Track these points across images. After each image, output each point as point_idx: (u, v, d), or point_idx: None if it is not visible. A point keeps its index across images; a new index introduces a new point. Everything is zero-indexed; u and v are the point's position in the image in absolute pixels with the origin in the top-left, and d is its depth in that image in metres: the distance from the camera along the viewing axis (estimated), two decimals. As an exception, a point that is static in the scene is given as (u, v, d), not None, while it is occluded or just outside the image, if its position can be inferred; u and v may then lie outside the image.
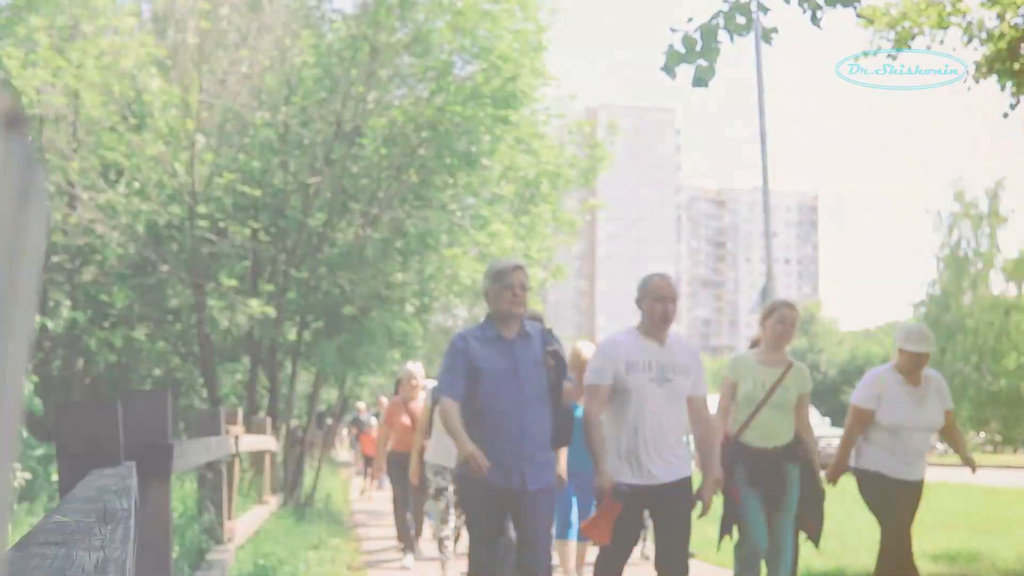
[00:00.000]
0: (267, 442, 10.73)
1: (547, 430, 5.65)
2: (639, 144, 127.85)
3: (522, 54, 14.60)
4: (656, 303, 5.80)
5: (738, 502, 6.54)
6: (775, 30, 6.05)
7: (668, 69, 6.02)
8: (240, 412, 8.03)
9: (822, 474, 7.16)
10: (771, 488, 6.62)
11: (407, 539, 10.75)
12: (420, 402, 10.28)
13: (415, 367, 10.90)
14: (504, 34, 14.45)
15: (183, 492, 7.74)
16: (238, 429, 7.59)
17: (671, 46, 6.03)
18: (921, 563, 10.30)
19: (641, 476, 5.75)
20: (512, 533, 6.08)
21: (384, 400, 27.25)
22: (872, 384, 7.06)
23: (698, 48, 5.95)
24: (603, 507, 5.68)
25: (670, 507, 5.83)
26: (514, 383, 5.53)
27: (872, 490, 7.02)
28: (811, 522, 6.91)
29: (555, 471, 5.90)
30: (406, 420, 10.75)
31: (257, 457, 11.45)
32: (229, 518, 7.56)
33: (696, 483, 6.03)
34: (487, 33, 14.46)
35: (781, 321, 6.69)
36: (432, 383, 11.21)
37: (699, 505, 6.01)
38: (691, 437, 6.42)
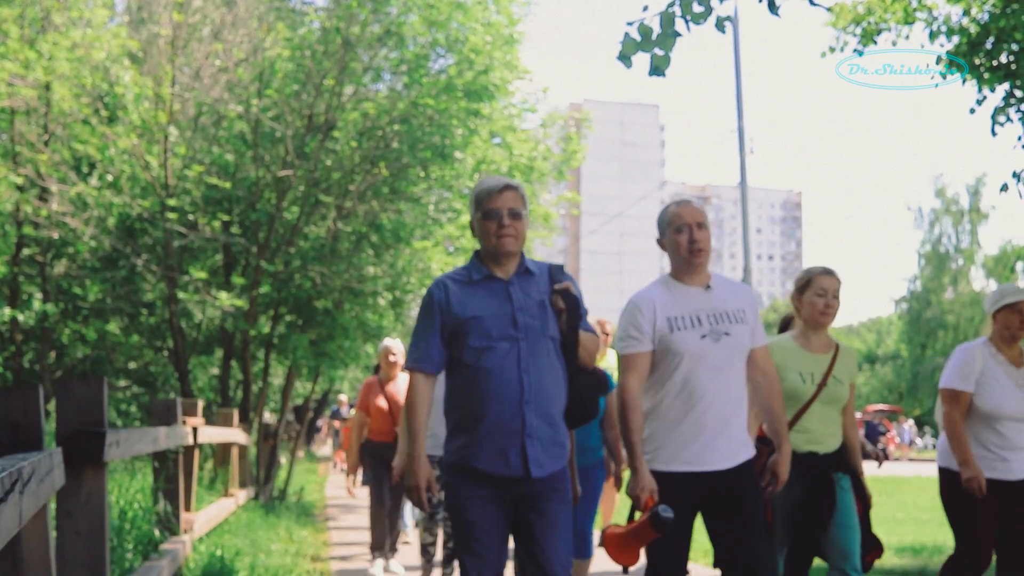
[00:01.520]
0: (232, 435, 10.71)
1: (559, 397, 4.31)
2: (623, 140, 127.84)
3: (495, 47, 14.63)
4: (678, 234, 4.61)
5: (769, 521, 5.21)
6: (729, 18, 6.04)
7: (624, 58, 6.01)
8: (200, 404, 8.00)
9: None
10: (818, 505, 5.31)
11: (380, 543, 9.37)
12: (403, 382, 9.13)
13: (393, 342, 9.51)
14: (476, 27, 14.47)
15: (145, 483, 7.73)
16: (197, 421, 7.58)
17: (627, 35, 6.02)
18: (885, 556, 10.38)
19: (696, 462, 4.54)
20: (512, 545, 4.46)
21: (344, 399, 27.23)
22: (968, 360, 5.83)
23: (654, 37, 5.94)
24: (638, 527, 4.37)
25: (736, 499, 4.54)
26: (513, 334, 4.22)
27: (958, 492, 5.77)
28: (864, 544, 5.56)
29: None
30: (383, 404, 9.32)
31: (224, 450, 11.43)
32: (188, 510, 7.57)
33: None
34: (460, 26, 14.48)
35: (821, 293, 5.44)
36: None
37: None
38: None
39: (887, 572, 9.28)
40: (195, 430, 7.46)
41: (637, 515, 4.50)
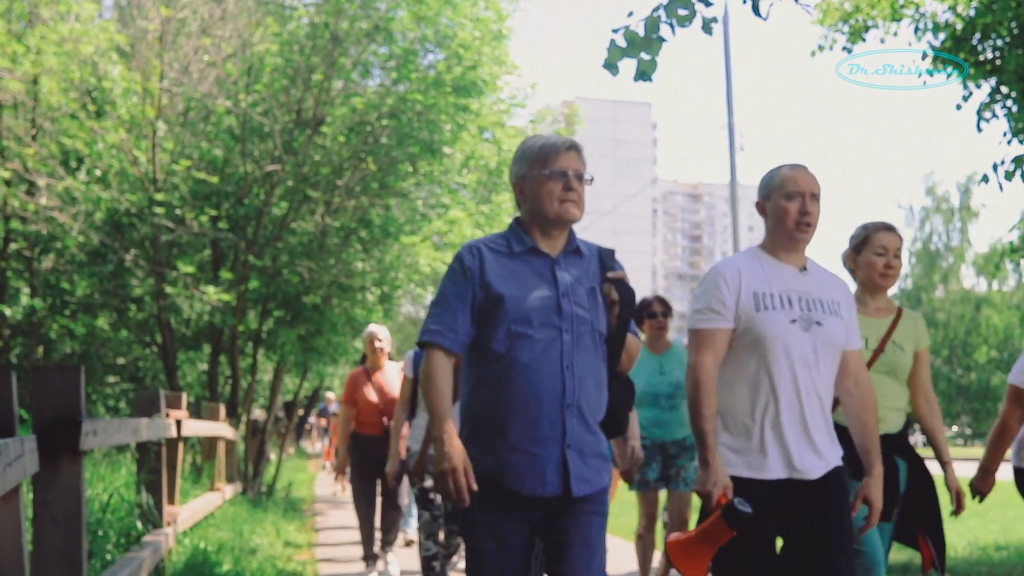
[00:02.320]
0: (219, 429, 10.71)
1: (600, 404, 3.67)
2: (615, 137, 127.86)
3: (483, 43, 14.64)
4: (788, 201, 4.00)
5: None
6: (715, 19, 6.05)
7: (610, 66, 6.02)
8: (184, 396, 7.98)
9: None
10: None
11: (371, 550, 8.82)
12: (391, 372, 8.76)
13: (378, 327, 8.96)
14: (465, 23, 14.49)
15: (128, 476, 7.72)
16: (181, 414, 7.57)
17: (612, 42, 6.03)
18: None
19: (781, 467, 3.90)
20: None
21: (332, 396, 27.15)
22: None
23: (640, 42, 5.93)
24: (708, 526, 3.74)
25: (822, 511, 3.89)
26: (556, 322, 3.56)
27: None
28: (927, 542, 4.91)
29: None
30: (371, 395, 8.70)
31: (210, 444, 11.42)
32: (171, 503, 7.56)
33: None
34: (448, 22, 14.49)
35: (880, 251, 4.85)
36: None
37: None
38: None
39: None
40: (179, 423, 7.45)
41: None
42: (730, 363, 3.97)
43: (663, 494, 7.35)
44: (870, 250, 4.88)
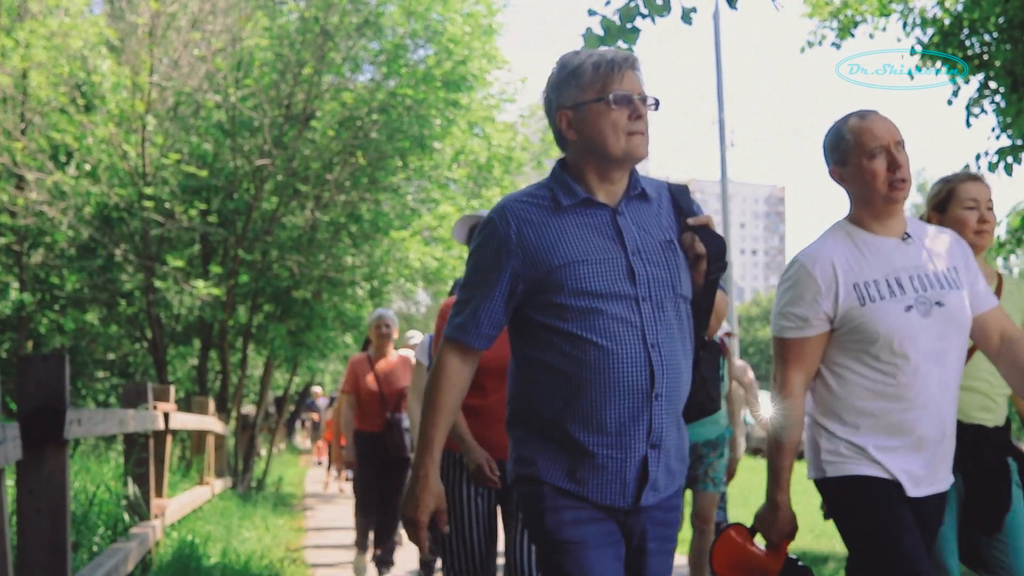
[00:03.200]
0: (208, 423, 10.70)
1: (688, 386, 2.93)
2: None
3: (473, 37, 14.65)
4: (872, 160, 3.29)
5: None
6: (694, 10, 6.07)
7: (588, 42, 6.03)
8: (172, 390, 7.97)
9: None
10: (987, 500, 3.82)
11: (365, 539, 8.26)
12: (397, 361, 8.13)
13: (387, 312, 8.26)
14: (455, 17, 14.50)
15: (117, 468, 7.72)
16: (168, 407, 7.57)
17: (589, 29, 6.04)
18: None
19: (910, 482, 3.28)
20: None
21: (319, 391, 27.09)
22: None
23: (616, 30, 5.96)
24: (764, 563, 3.40)
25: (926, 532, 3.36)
26: (629, 290, 2.81)
27: None
28: None
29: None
30: (374, 384, 8.01)
31: (199, 438, 11.42)
32: (159, 495, 7.56)
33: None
34: (438, 16, 14.50)
35: (971, 205, 3.98)
36: (417, 336, 9.51)
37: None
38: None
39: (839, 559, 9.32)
40: (167, 415, 7.44)
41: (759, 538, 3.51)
42: (836, 368, 3.34)
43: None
44: (958, 205, 3.96)
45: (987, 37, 10.07)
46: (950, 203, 3.98)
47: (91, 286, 15.28)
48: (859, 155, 3.30)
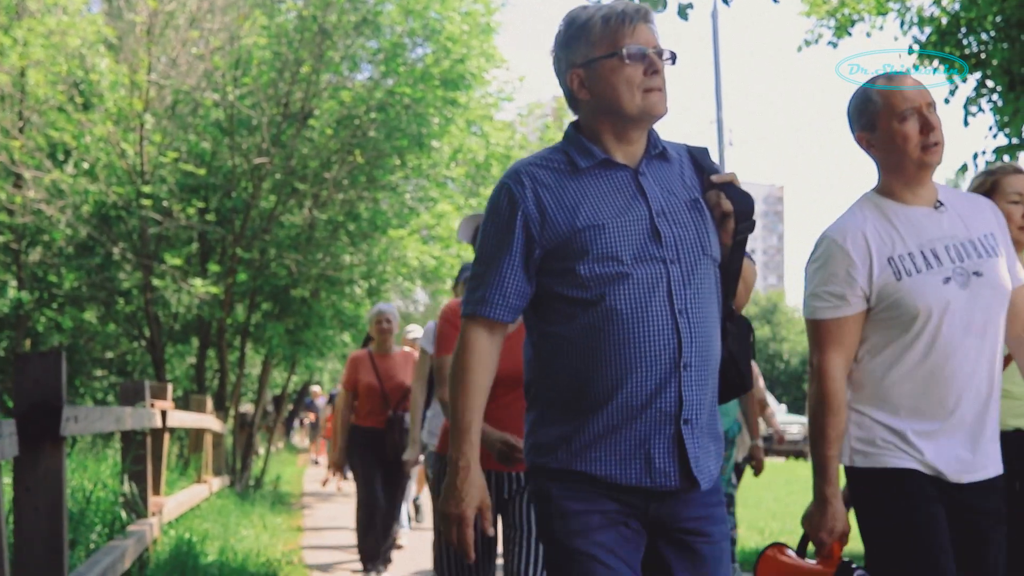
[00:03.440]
0: (205, 421, 10.70)
1: (718, 357, 2.72)
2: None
3: (471, 36, 14.65)
4: (903, 123, 3.09)
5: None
6: (690, 5, 6.08)
7: None
8: (170, 388, 7.97)
9: None
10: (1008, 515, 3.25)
11: (372, 553, 7.87)
12: (399, 357, 7.97)
13: (387, 306, 8.06)
14: (453, 16, 14.50)
15: (114, 466, 7.73)
16: (166, 404, 7.57)
17: None
18: (854, 543, 10.46)
19: (952, 469, 3.06)
20: None
21: (317, 390, 27.06)
22: None
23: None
24: (814, 570, 3.09)
25: (979, 532, 3.11)
26: (656, 251, 2.63)
27: None
28: None
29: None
30: (374, 381, 7.83)
31: (196, 436, 11.42)
32: (156, 493, 7.57)
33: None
34: (437, 15, 14.51)
35: (1016, 199, 3.81)
36: (416, 331, 9.53)
37: None
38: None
39: (858, 557, 9.34)
40: (164, 413, 7.45)
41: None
42: (872, 348, 3.12)
43: None
44: (1002, 198, 3.77)
45: (984, 36, 10.09)
46: (994, 196, 3.76)
47: (89, 284, 15.29)
48: (889, 118, 3.10)
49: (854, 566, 3.02)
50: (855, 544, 3.29)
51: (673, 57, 2.71)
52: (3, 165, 13.81)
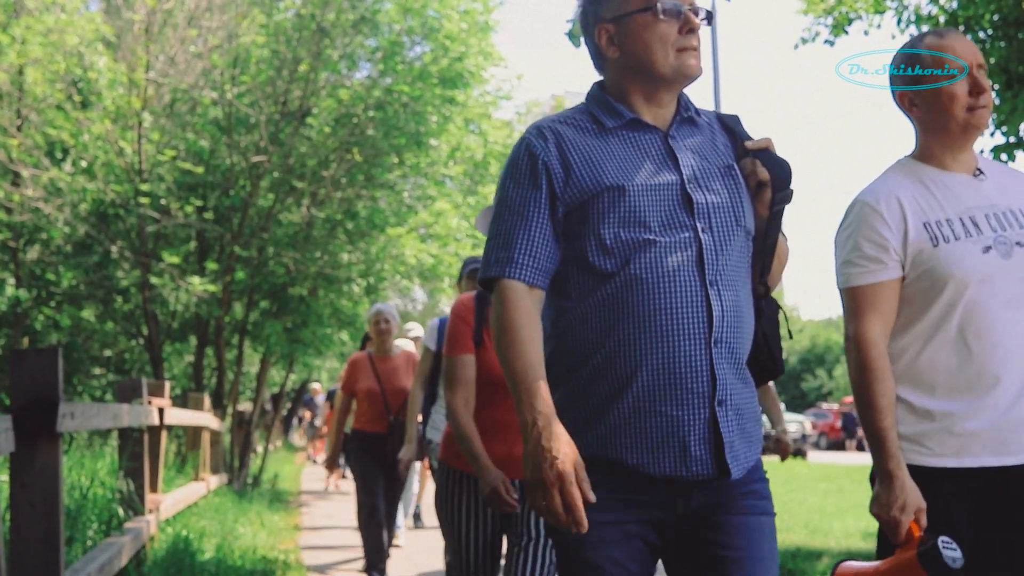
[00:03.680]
0: (203, 419, 10.71)
1: (751, 335, 2.51)
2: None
3: (470, 34, 14.66)
4: (956, 84, 2.92)
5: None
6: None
7: (573, 37, 6.05)
8: (167, 385, 7.96)
9: None
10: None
11: (378, 560, 7.55)
12: (399, 358, 7.72)
13: (385, 306, 7.76)
14: (452, 14, 14.51)
15: (112, 463, 7.73)
16: (163, 402, 7.57)
17: (576, 20, 6.07)
18: (852, 540, 10.48)
19: (982, 450, 2.83)
20: None
21: (317, 387, 27.05)
22: None
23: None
24: (899, 566, 2.65)
25: (1019, 515, 2.84)
26: (686, 219, 2.43)
27: None
28: None
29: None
30: (375, 384, 7.57)
31: (194, 434, 11.43)
32: (154, 490, 7.57)
33: None
34: (435, 13, 14.52)
35: None
36: (417, 329, 9.14)
37: None
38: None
39: (855, 555, 9.35)
40: (161, 411, 7.45)
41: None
42: (908, 318, 2.91)
43: None
44: None
45: (981, 34, 10.08)
46: None
47: (87, 282, 15.29)
48: (938, 77, 2.93)
49: (940, 539, 2.61)
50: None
51: (709, 17, 2.53)
52: (1, 163, 13.81)
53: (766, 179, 2.55)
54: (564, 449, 2.19)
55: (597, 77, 2.65)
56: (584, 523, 2.16)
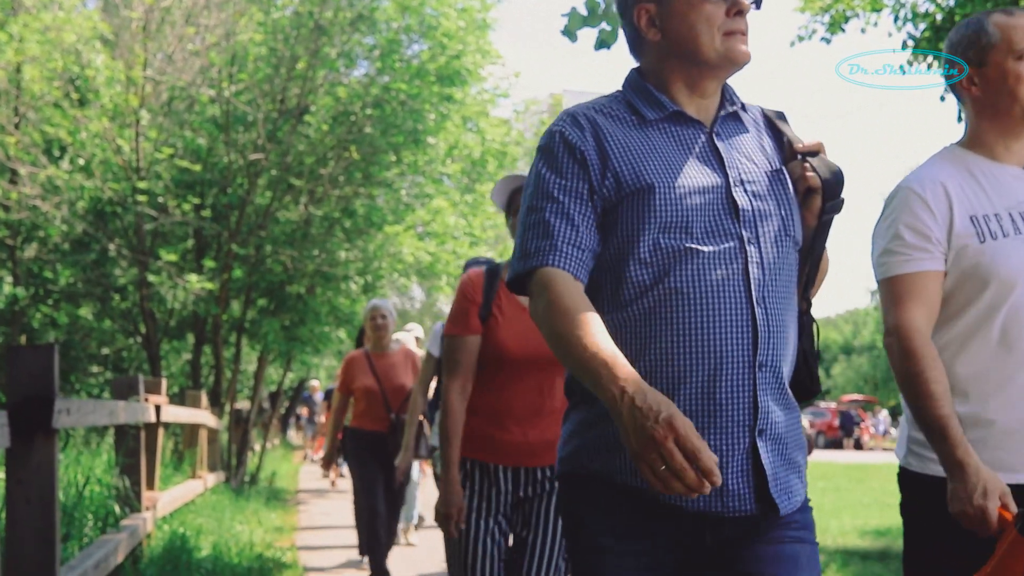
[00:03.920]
0: (200, 416, 10.71)
1: (792, 355, 2.29)
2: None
3: (467, 32, 14.67)
4: (1021, 60, 2.73)
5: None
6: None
7: (569, 32, 6.05)
8: (164, 382, 7.95)
9: None
10: None
11: (382, 565, 7.34)
12: (397, 355, 7.52)
13: (381, 301, 7.54)
14: (449, 12, 14.52)
15: (109, 460, 7.73)
16: (160, 399, 7.57)
17: (573, 9, 6.07)
18: (848, 538, 10.49)
19: (1016, 458, 2.63)
20: None
21: (316, 385, 27.02)
22: None
23: (600, 11, 5.99)
24: (1004, 557, 2.36)
25: None
26: (731, 227, 2.20)
27: None
28: None
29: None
30: (373, 383, 7.35)
31: (191, 432, 11.43)
32: (151, 488, 7.57)
33: None
34: (432, 11, 14.53)
35: None
36: (417, 329, 9.08)
37: None
38: None
39: (851, 553, 9.38)
40: (158, 408, 7.45)
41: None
42: (941, 323, 2.71)
43: None
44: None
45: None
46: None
47: (84, 280, 15.30)
48: (1004, 54, 2.71)
49: None
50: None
51: (758, 1, 2.32)
52: (-1, 161, 13.82)
53: (817, 185, 2.31)
54: (664, 401, 1.88)
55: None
56: (717, 473, 1.83)
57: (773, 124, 2.39)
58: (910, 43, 10.41)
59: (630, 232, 2.17)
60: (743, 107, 2.37)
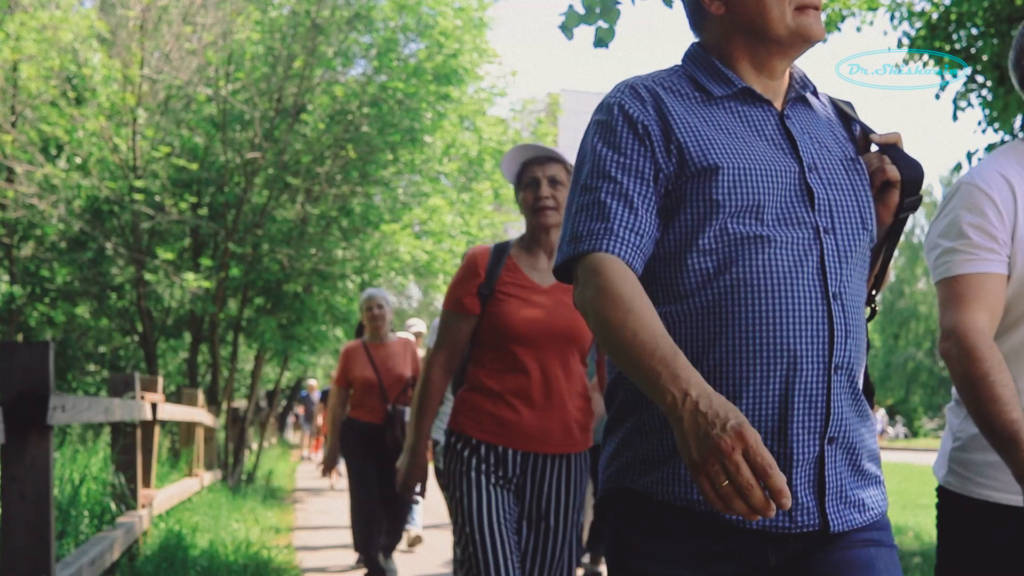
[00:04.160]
0: (196, 414, 10.71)
1: (866, 356, 2.06)
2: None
3: (464, 31, 14.68)
4: None
5: None
6: (675, -7, 6.12)
7: (566, 30, 6.07)
8: (160, 380, 7.95)
9: None
10: None
11: (377, 566, 7.22)
12: (395, 346, 7.41)
13: (378, 292, 7.45)
14: (446, 11, 14.53)
15: (105, 458, 7.73)
16: (156, 397, 7.57)
17: (570, 7, 6.08)
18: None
19: None
20: None
21: (313, 384, 27.01)
22: None
23: (598, 9, 6.00)
24: None
25: None
26: (806, 215, 2.00)
27: None
28: None
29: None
30: (371, 373, 7.27)
31: (188, 430, 11.43)
32: (147, 485, 7.58)
33: None
34: (429, 10, 14.54)
35: None
36: (419, 324, 8.97)
37: None
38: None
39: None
40: (154, 406, 7.45)
41: None
42: (999, 336, 2.48)
43: None
44: None
45: (974, 31, 10.10)
46: None
47: (81, 279, 15.29)
48: None
49: None
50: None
51: None
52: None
53: (896, 179, 2.11)
54: (733, 408, 1.69)
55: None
56: (788, 494, 1.63)
57: (844, 113, 2.21)
58: (905, 41, 10.41)
59: (693, 217, 1.96)
60: (814, 92, 2.18)
